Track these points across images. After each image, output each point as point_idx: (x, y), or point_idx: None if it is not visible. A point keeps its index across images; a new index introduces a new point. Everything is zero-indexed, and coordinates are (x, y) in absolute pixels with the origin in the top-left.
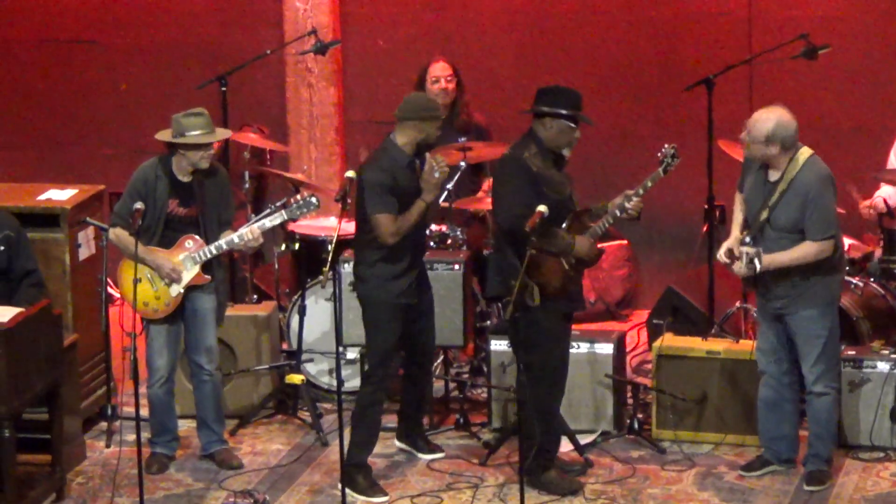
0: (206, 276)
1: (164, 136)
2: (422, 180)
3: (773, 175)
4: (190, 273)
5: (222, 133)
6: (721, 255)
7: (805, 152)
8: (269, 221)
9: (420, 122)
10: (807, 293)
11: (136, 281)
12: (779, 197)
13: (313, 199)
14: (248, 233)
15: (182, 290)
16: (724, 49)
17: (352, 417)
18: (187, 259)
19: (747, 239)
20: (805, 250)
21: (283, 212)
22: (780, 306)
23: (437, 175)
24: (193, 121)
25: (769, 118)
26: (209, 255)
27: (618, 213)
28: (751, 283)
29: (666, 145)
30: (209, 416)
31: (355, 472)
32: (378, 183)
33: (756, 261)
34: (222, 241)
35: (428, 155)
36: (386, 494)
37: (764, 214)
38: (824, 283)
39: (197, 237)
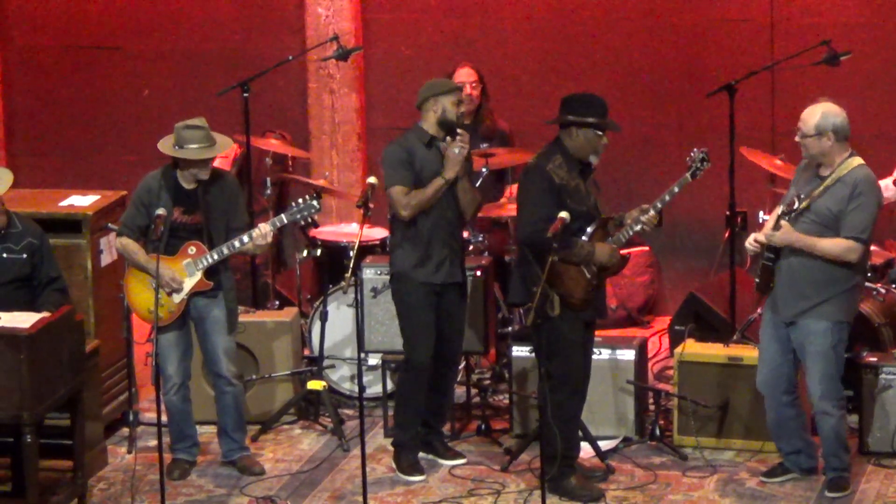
0: (209, 283)
1: (166, 146)
2: (445, 157)
3: (825, 171)
4: (192, 279)
5: (222, 145)
6: (749, 241)
7: (858, 160)
8: (270, 224)
9: (433, 99)
10: (821, 307)
11: (158, 288)
12: (825, 189)
13: (314, 203)
14: (257, 230)
15: (185, 297)
16: (746, 55)
17: (395, 400)
18: (189, 265)
19: (782, 222)
20: (834, 243)
21: (282, 215)
22: (791, 316)
23: (456, 151)
24: (191, 134)
25: (815, 110)
26: (210, 261)
27: (636, 227)
28: (764, 289)
29: (695, 149)
30: (229, 426)
31: (398, 451)
32: (392, 156)
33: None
34: (224, 247)
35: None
36: (422, 473)
37: (806, 203)
38: (839, 300)
39: (200, 243)
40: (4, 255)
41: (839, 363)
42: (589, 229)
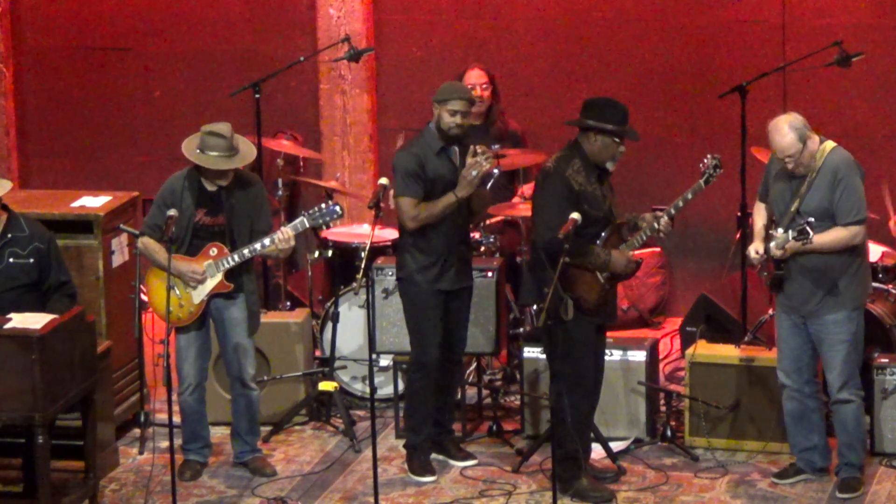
0: (228, 284)
1: (189, 147)
2: (460, 175)
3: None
4: (213, 280)
5: (243, 156)
6: (751, 252)
7: (830, 144)
8: (292, 227)
9: (435, 105)
10: (834, 298)
11: (170, 288)
12: (808, 186)
13: (337, 208)
14: (279, 233)
15: (205, 298)
16: (757, 56)
17: (405, 402)
18: (210, 267)
19: (780, 230)
20: (836, 235)
21: (304, 218)
22: (807, 312)
23: (474, 173)
24: (213, 141)
25: (782, 129)
26: (231, 263)
27: (649, 233)
28: (777, 289)
29: (709, 156)
30: (242, 428)
31: (410, 453)
32: (403, 167)
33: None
34: (245, 249)
35: (476, 148)
36: (433, 474)
37: (794, 205)
38: (850, 289)
39: (221, 245)
40: (11, 260)
41: (858, 351)
42: (603, 234)
